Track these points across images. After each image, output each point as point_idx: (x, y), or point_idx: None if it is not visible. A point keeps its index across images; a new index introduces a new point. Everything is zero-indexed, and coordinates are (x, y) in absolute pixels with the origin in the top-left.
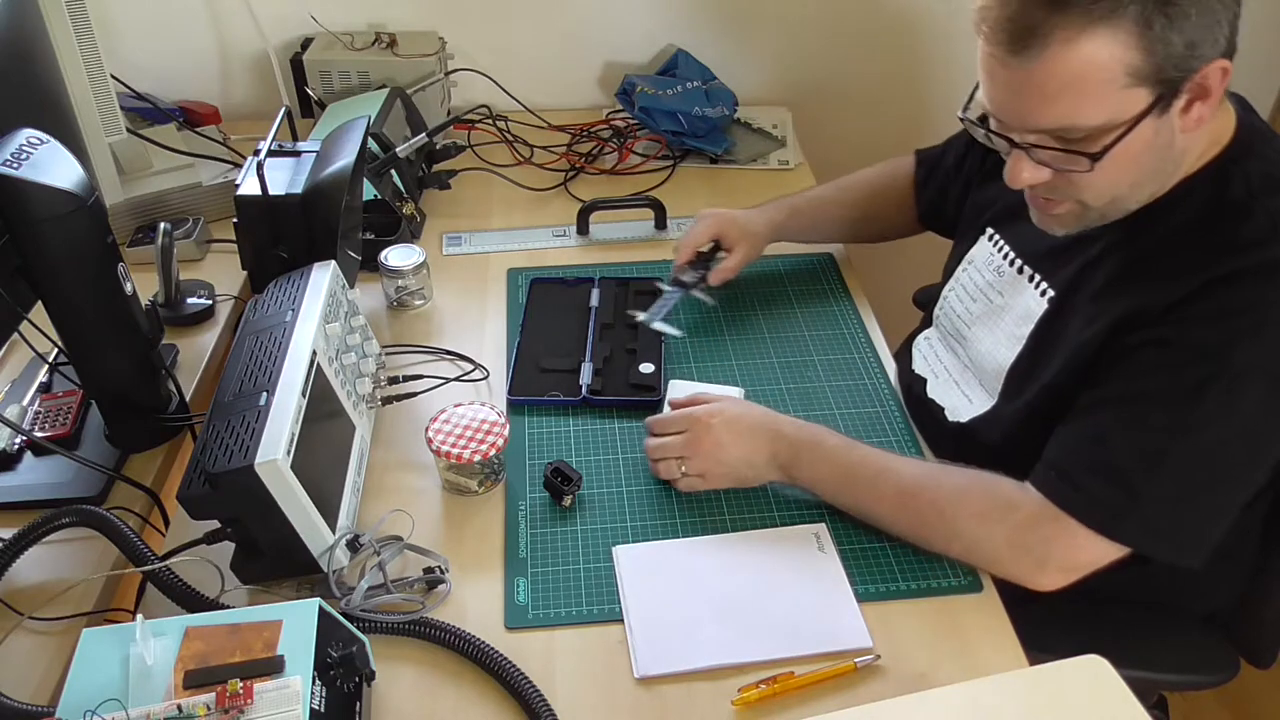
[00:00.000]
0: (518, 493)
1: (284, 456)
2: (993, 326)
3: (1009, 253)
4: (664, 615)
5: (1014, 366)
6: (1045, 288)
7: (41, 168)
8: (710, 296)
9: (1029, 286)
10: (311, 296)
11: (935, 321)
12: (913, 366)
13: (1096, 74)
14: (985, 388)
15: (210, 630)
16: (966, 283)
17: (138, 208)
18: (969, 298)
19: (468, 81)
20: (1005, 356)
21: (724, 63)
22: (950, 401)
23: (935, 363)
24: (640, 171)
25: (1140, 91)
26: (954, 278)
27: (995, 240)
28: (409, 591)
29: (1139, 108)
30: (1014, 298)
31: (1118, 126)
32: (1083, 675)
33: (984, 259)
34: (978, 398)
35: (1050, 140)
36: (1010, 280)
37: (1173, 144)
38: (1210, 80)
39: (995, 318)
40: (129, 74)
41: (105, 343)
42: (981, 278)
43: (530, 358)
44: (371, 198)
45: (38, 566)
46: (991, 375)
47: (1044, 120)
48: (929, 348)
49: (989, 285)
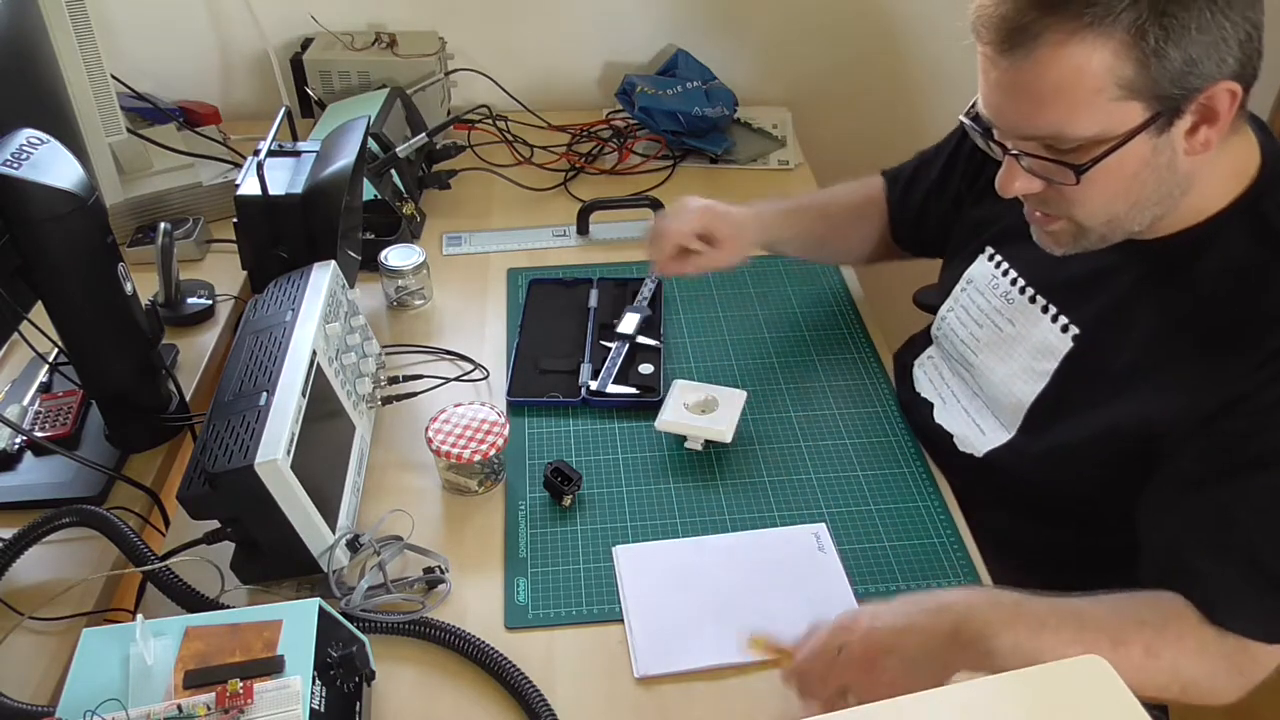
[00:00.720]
0: (518, 493)
1: (284, 456)
2: (1004, 356)
3: (1017, 278)
4: (664, 615)
5: (1038, 403)
6: (1066, 322)
7: (41, 168)
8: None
9: (1043, 318)
10: (311, 296)
11: (936, 340)
12: (916, 388)
13: (1085, 81)
14: (999, 419)
15: (210, 630)
16: (968, 304)
17: (138, 208)
18: (973, 322)
19: (468, 81)
20: (1024, 391)
21: (724, 63)
22: (960, 429)
23: (941, 386)
24: (640, 171)
25: (1134, 106)
26: (953, 297)
27: (998, 262)
28: (409, 591)
29: (1132, 123)
30: (1027, 327)
31: (1108, 140)
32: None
33: (986, 281)
34: (990, 429)
35: (1041, 149)
36: (1021, 308)
37: (1175, 166)
38: (1217, 103)
39: (1007, 347)
40: (129, 74)
41: (105, 343)
42: (986, 302)
43: (530, 358)
44: (371, 198)
45: (38, 566)
46: (1007, 408)
47: (1034, 126)
48: (934, 369)
49: (995, 311)
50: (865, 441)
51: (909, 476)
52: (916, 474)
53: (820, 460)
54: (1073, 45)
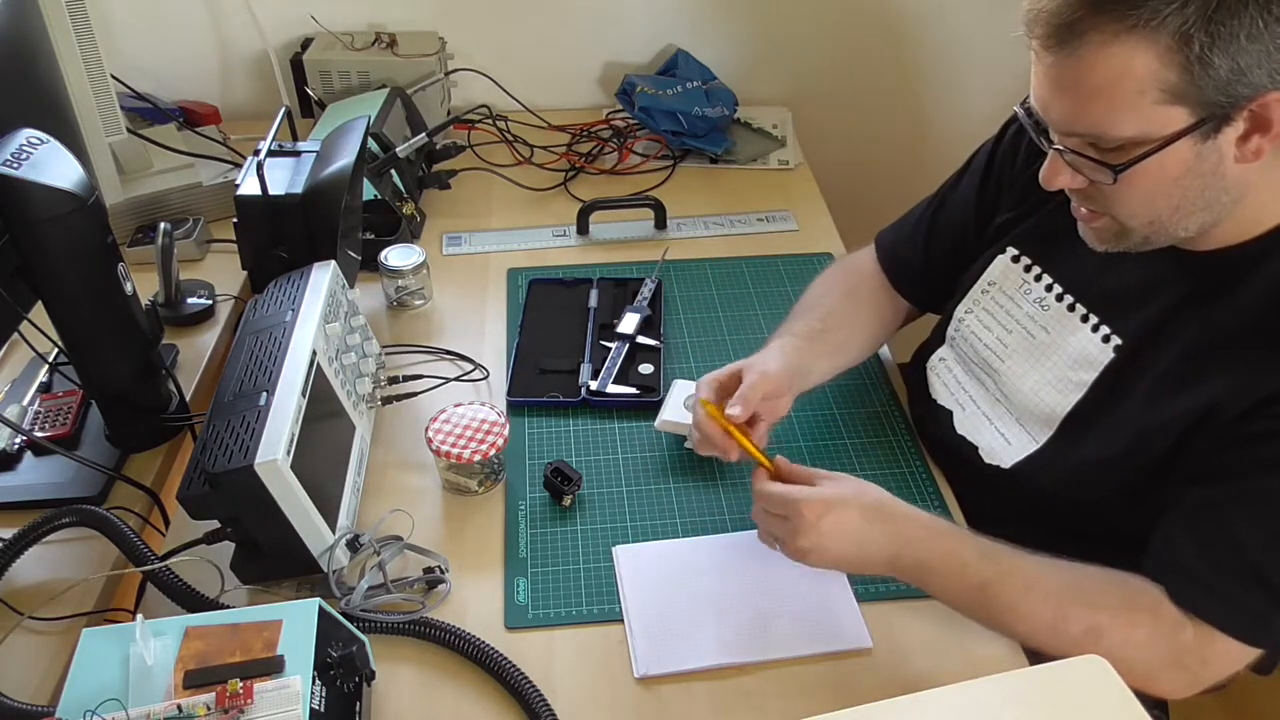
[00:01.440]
0: (518, 493)
1: (284, 456)
2: (1036, 364)
3: (1054, 285)
4: (664, 615)
5: (1075, 413)
6: (1108, 333)
7: (41, 168)
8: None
9: (1083, 327)
10: (311, 296)
11: (950, 341)
12: (931, 394)
13: (1128, 82)
14: (1024, 427)
15: (210, 630)
16: (993, 308)
17: (138, 208)
18: (1000, 327)
19: (468, 81)
20: (1058, 401)
21: (724, 63)
22: (984, 440)
23: (960, 392)
24: (640, 171)
25: (1177, 110)
26: (971, 299)
27: (1027, 265)
28: (409, 591)
29: (1175, 127)
30: (1063, 336)
31: (1149, 142)
32: (1083, 675)
33: (1015, 285)
34: (1016, 438)
35: (1084, 146)
36: (1058, 316)
37: (1222, 173)
38: (1270, 112)
39: (1040, 355)
40: (129, 74)
41: (105, 343)
42: (1016, 307)
43: (530, 358)
44: (371, 198)
45: (38, 566)
46: (1037, 417)
47: (1077, 123)
48: (949, 374)
49: (1029, 318)
50: (865, 441)
51: (909, 477)
52: (917, 474)
53: (820, 460)
54: (1117, 45)
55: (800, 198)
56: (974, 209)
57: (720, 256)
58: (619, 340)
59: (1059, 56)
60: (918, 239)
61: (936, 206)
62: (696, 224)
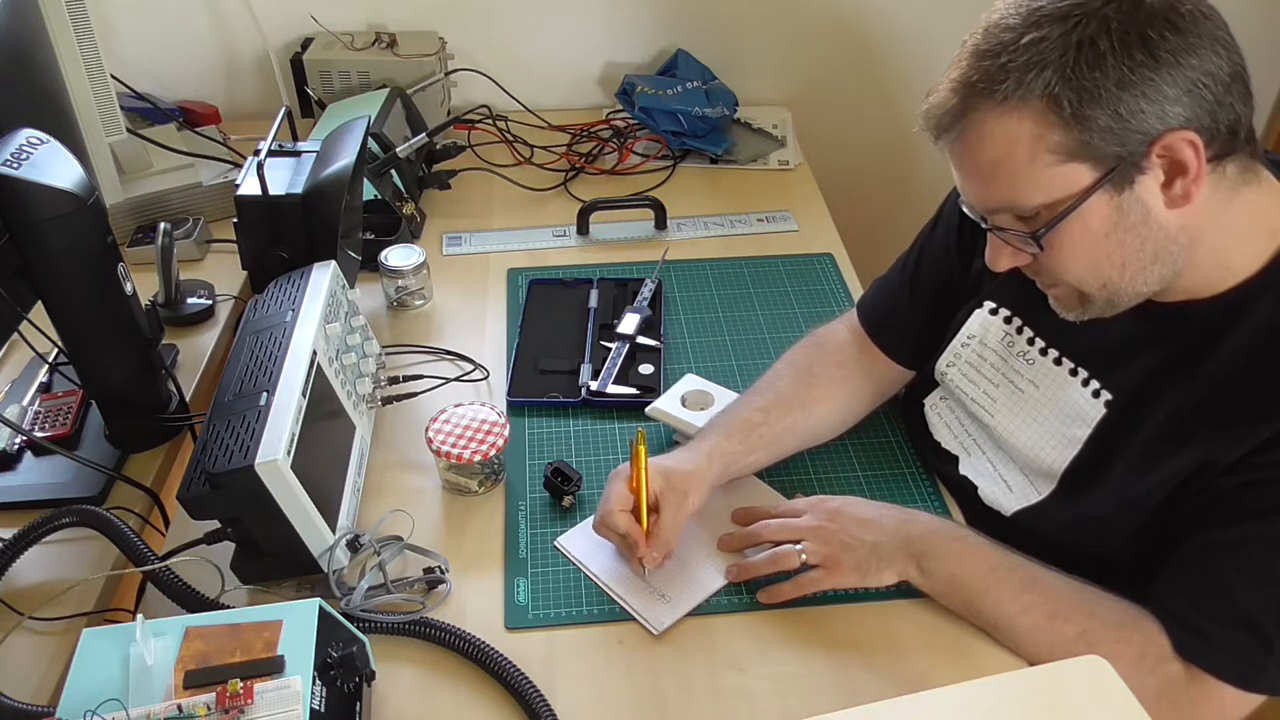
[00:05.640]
0: (518, 493)
1: (284, 456)
2: (1029, 420)
3: (1035, 339)
4: (638, 573)
5: (1072, 468)
6: (1098, 387)
7: (41, 168)
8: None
9: (1073, 382)
10: (311, 296)
11: (941, 381)
12: (934, 436)
13: (1017, 151)
14: (1028, 478)
15: (210, 630)
16: (974, 360)
17: (138, 208)
18: (985, 380)
19: (468, 81)
20: (1055, 457)
21: (724, 63)
22: (986, 485)
23: (963, 435)
24: (640, 171)
25: (1077, 168)
26: (953, 352)
27: (1006, 317)
28: (409, 591)
29: (1081, 184)
30: (1053, 391)
31: (1061, 203)
32: (1083, 675)
33: (996, 339)
34: (1019, 487)
35: (1010, 221)
36: (1044, 371)
37: (1158, 222)
38: (1178, 153)
39: (1031, 410)
40: (129, 74)
41: (105, 343)
42: (1001, 360)
43: (530, 358)
44: (371, 198)
45: (38, 566)
46: (1037, 471)
47: (990, 201)
48: (950, 415)
49: (1014, 371)
50: (865, 441)
51: (909, 477)
52: (916, 474)
53: (820, 460)
54: (994, 121)
55: (800, 198)
56: (955, 251)
57: (720, 257)
58: (619, 340)
59: (953, 144)
60: (903, 291)
61: (917, 256)
62: (696, 224)
